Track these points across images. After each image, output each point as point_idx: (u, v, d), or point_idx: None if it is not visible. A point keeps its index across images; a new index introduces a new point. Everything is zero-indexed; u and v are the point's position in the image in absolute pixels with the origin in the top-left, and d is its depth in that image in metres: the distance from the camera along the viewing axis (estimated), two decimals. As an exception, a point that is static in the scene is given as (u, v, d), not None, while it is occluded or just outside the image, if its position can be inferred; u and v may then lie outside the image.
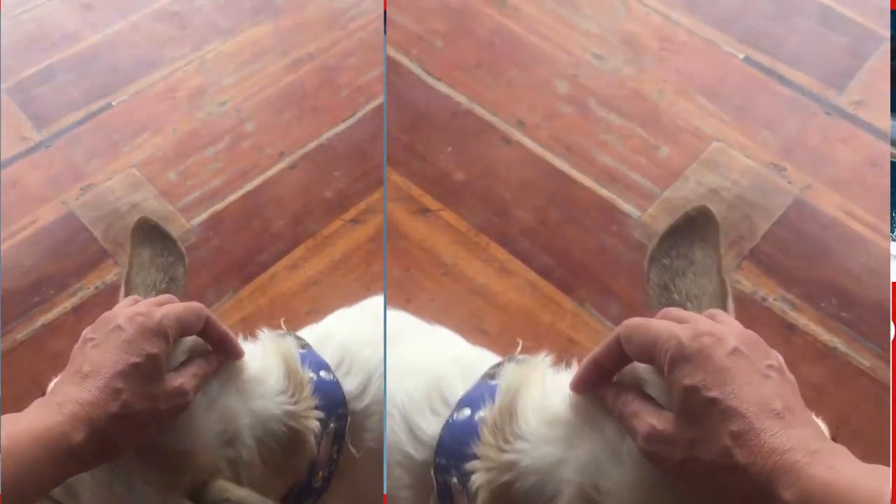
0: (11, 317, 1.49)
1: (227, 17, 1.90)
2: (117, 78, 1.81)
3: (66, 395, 0.61)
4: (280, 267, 1.53)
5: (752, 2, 1.76)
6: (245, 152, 1.68)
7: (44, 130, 1.73)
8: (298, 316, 1.46)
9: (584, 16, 1.74)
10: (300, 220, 1.58)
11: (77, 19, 1.91)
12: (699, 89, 1.64)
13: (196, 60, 1.83)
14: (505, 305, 1.42)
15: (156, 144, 1.70)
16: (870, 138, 1.55)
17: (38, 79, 1.81)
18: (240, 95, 1.76)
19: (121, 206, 1.61)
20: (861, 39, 1.69)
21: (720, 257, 0.71)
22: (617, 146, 1.57)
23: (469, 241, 1.48)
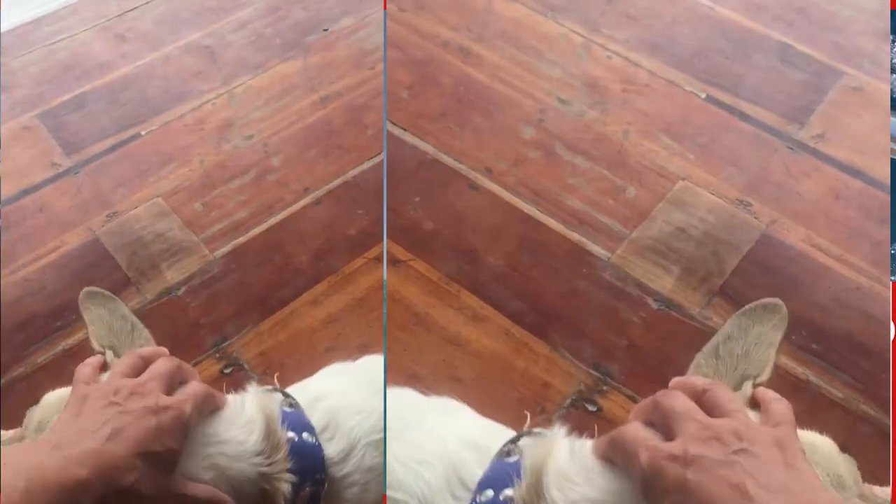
0: (33, 340, 1.50)
1: (258, 52, 1.93)
2: (147, 108, 1.84)
3: (80, 448, 0.62)
4: (301, 302, 1.53)
5: (711, 41, 1.79)
6: (270, 186, 1.69)
7: (73, 157, 1.76)
8: (318, 353, 1.46)
9: (547, 61, 1.76)
10: (322, 257, 1.58)
11: (110, 49, 1.96)
12: (663, 129, 1.66)
13: (225, 94, 1.86)
14: (479, 352, 1.42)
15: (182, 175, 1.72)
16: (832, 171, 1.57)
17: (69, 106, 1.85)
18: (267, 130, 1.78)
19: (145, 234, 1.63)
20: (820, 75, 1.71)
21: (776, 339, 0.75)
22: (584, 189, 1.59)
23: (440, 290, 1.48)
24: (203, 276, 1.57)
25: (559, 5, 1.85)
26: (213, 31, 1.99)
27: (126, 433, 0.64)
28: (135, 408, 0.67)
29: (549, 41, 1.79)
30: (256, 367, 1.45)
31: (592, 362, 1.39)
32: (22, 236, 1.64)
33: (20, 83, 1.90)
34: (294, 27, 1.97)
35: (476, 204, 1.58)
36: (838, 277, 1.45)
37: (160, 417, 0.67)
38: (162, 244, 1.61)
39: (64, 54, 1.96)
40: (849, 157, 1.59)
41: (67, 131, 1.80)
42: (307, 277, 1.56)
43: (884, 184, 1.55)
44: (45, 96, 1.87)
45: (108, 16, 2.04)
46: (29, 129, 1.81)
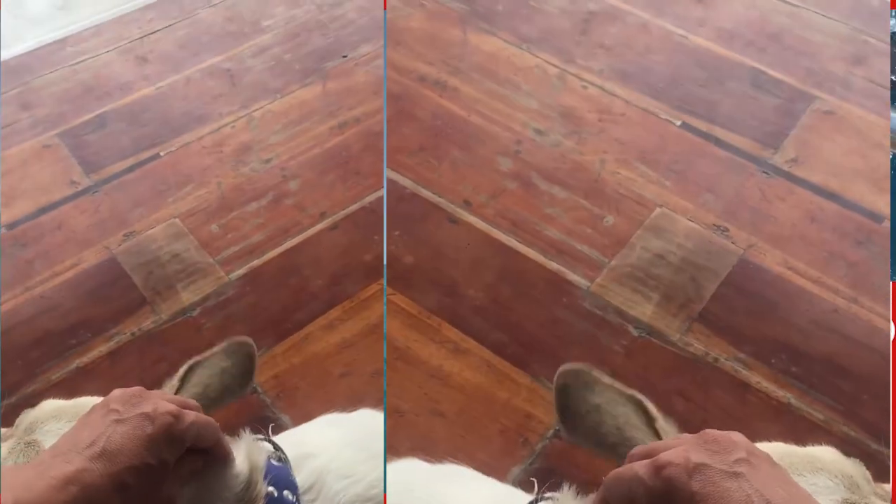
0: (48, 357, 1.50)
1: (277, 77, 1.95)
2: (167, 130, 1.85)
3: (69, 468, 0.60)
4: (315, 326, 1.53)
5: (685, 69, 1.81)
6: (287, 210, 1.70)
7: (92, 176, 1.77)
8: (332, 378, 1.46)
9: (523, 93, 1.78)
10: (338, 281, 1.59)
11: (131, 71, 1.99)
12: (639, 157, 1.67)
13: (244, 117, 1.87)
14: (461, 386, 1.42)
15: (200, 197, 1.73)
16: (807, 194, 1.59)
17: (90, 126, 1.87)
18: (285, 154, 1.79)
19: (162, 254, 1.63)
20: (792, 100, 1.74)
21: (611, 385, 0.73)
22: (562, 218, 1.59)
23: (421, 324, 1.48)
24: (218, 298, 1.57)
25: (533, 37, 1.87)
26: (233, 55, 2.01)
27: (118, 446, 0.62)
28: (132, 414, 0.65)
29: (525, 73, 1.81)
30: (270, 391, 1.45)
31: (574, 392, 1.39)
32: (39, 253, 1.64)
33: (42, 102, 1.93)
34: (313, 53, 2.00)
35: (455, 237, 1.58)
36: (816, 300, 1.46)
37: (156, 424, 0.64)
38: (178, 265, 1.62)
39: (86, 75, 1.99)
40: (823, 181, 1.61)
41: (87, 150, 1.82)
42: (322, 302, 1.56)
43: (859, 206, 1.57)
44: (67, 115, 1.89)
45: (130, 38, 2.07)
46: (49, 147, 1.83)
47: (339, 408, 1.39)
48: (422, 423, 1.38)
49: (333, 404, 1.42)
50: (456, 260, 1.55)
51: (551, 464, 1.33)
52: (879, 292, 1.46)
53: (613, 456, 0.72)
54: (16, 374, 1.47)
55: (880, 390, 1.35)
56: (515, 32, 1.88)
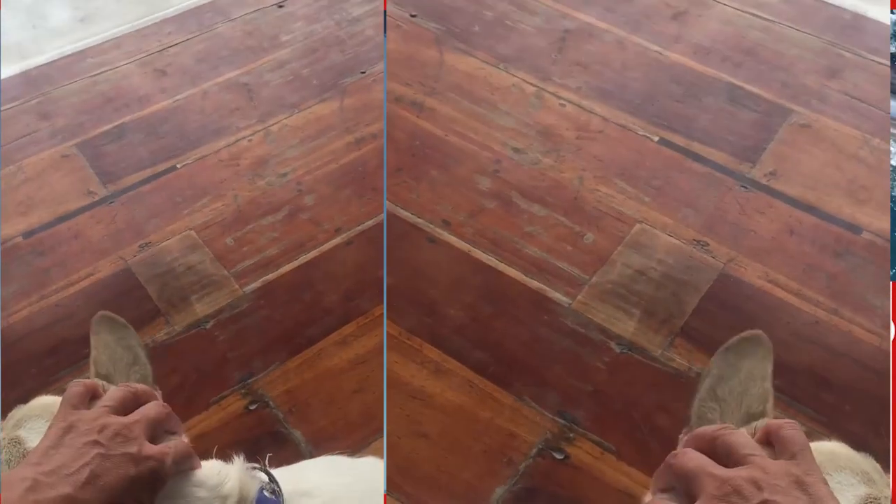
0: (62, 365, 1.50)
1: (295, 92, 1.95)
2: (184, 142, 1.86)
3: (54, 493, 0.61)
4: (329, 342, 1.52)
5: (662, 86, 1.81)
6: (302, 224, 1.70)
7: (109, 186, 1.78)
8: (345, 394, 1.45)
9: (501, 112, 1.78)
10: (352, 297, 1.58)
11: (150, 84, 2.00)
12: (618, 174, 1.67)
13: (261, 131, 1.87)
14: (443, 406, 1.41)
15: (216, 209, 1.73)
16: (785, 207, 1.59)
17: (108, 137, 1.88)
18: (301, 168, 1.79)
19: (177, 266, 1.63)
20: (769, 114, 1.74)
21: (767, 370, 0.74)
22: (542, 236, 1.59)
23: (402, 345, 1.47)
24: (232, 311, 1.57)
25: (510, 56, 1.88)
26: (251, 69, 2.02)
27: (103, 480, 0.64)
28: (117, 452, 0.66)
29: (502, 92, 1.81)
30: (282, 406, 1.44)
31: (558, 410, 1.39)
32: (55, 262, 1.65)
33: (61, 112, 1.94)
34: (331, 69, 2.01)
35: (435, 257, 1.58)
36: (797, 312, 1.46)
37: (140, 468, 0.66)
38: (192, 276, 1.62)
39: (105, 86, 2.00)
40: (801, 194, 1.61)
41: (105, 161, 1.83)
42: (336, 317, 1.55)
43: (837, 218, 1.57)
44: (85, 126, 1.91)
45: (149, 51, 2.09)
46: (67, 157, 1.85)
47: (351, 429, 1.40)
48: (404, 445, 1.37)
49: (346, 420, 1.42)
50: (436, 280, 1.55)
51: (535, 483, 1.32)
52: (860, 303, 1.46)
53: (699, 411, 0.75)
54: (31, 381, 1.48)
55: (863, 401, 1.35)
56: (492, 52, 1.89)
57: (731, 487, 0.58)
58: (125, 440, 0.68)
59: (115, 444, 0.67)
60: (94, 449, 0.66)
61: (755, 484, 0.58)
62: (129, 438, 0.68)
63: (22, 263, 1.65)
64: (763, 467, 0.60)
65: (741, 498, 0.57)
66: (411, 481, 1.33)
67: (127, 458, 0.66)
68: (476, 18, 1.97)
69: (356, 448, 1.39)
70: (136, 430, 0.70)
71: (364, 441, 1.40)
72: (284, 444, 1.40)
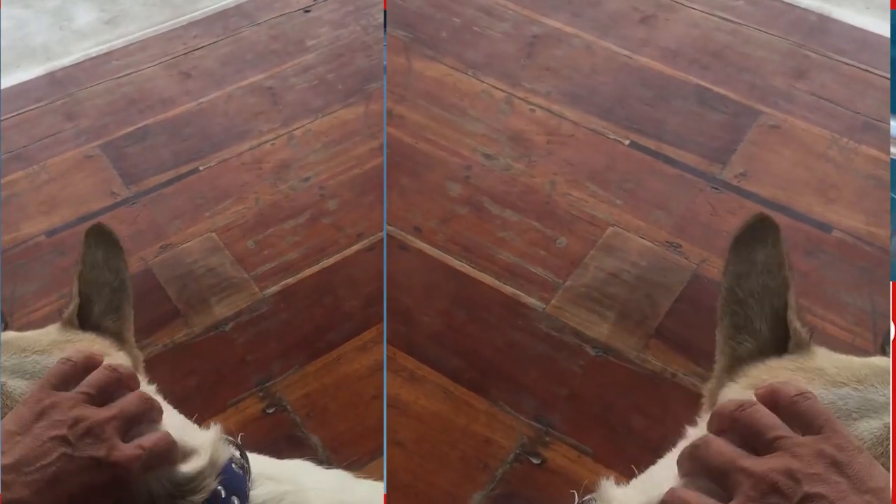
0: None
1: (319, 96, 1.94)
2: (207, 145, 1.85)
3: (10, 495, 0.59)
4: (348, 347, 1.51)
5: (631, 89, 1.82)
6: (324, 229, 1.68)
7: (132, 187, 1.78)
8: (364, 400, 1.44)
9: (470, 118, 1.78)
10: (372, 303, 1.56)
11: (174, 86, 1.99)
12: (589, 177, 1.67)
13: (285, 135, 1.86)
14: (418, 414, 1.39)
15: (237, 212, 1.72)
16: (757, 207, 1.59)
17: (131, 138, 1.88)
18: (324, 173, 1.78)
19: (197, 268, 1.62)
20: (738, 115, 1.75)
21: (782, 255, 0.73)
22: (515, 242, 1.58)
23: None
24: (251, 314, 1.55)
25: (479, 62, 1.87)
26: (276, 73, 2.01)
27: (62, 485, 0.61)
28: (83, 454, 0.63)
29: (472, 98, 1.81)
30: (300, 410, 1.42)
31: (534, 414, 1.38)
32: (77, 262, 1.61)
33: (86, 113, 1.94)
34: (356, 74, 2.00)
35: (407, 264, 1.56)
36: (770, 311, 1.45)
37: (102, 474, 0.63)
38: (212, 279, 1.61)
39: (130, 88, 2.00)
40: (772, 193, 1.62)
41: (128, 162, 1.82)
42: (356, 323, 1.54)
43: (807, 217, 1.58)
44: (109, 127, 1.90)
45: (174, 53, 2.08)
46: (91, 158, 1.84)
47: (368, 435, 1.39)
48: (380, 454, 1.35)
49: (363, 426, 1.40)
50: (408, 287, 1.53)
51: (512, 488, 1.30)
52: (832, 300, 1.47)
53: (728, 311, 0.73)
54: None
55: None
56: (460, 58, 1.88)
57: (767, 485, 0.55)
58: (95, 441, 0.64)
59: (84, 444, 0.63)
60: (61, 447, 0.62)
61: (791, 476, 0.55)
62: (100, 439, 0.64)
63: (44, 262, 1.65)
64: (794, 453, 0.56)
65: (781, 496, 0.54)
66: (389, 489, 1.32)
67: (92, 463, 0.63)
68: (443, 25, 1.96)
69: (373, 455, 1.37)
70: (108, 429, 0.66)
71: (381, 448, 1.38)
72: (301, 448, 1.38)
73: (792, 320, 0.72)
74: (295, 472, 0.88)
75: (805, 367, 0.67)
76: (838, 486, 0.54)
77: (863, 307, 1.45)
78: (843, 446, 0.56)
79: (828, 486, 0.54)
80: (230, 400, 1.44)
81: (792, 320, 0.72)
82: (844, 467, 0.55)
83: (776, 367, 0.69)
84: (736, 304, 0.73)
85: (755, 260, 0.74)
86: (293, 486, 0.82)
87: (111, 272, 0.85)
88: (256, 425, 1.42)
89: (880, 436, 0.59)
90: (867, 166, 1.65)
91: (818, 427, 0.58)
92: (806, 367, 0.67)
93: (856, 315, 1.44)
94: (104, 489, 0.64)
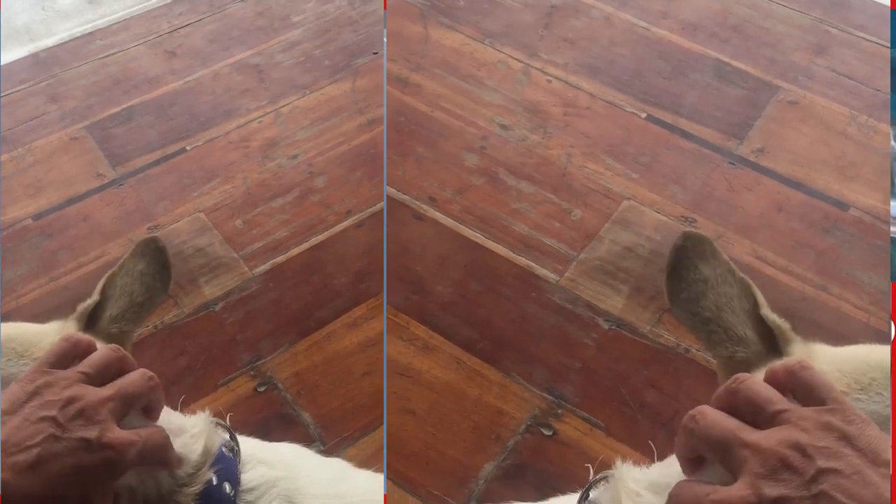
0: None
1: (306, 73, 1.93)
2: (193, 124, 1.84)
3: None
4: (339, 325, 1.51)
5: (649, 62, 1.80)
6: (313, 207, 1.68)
7: (118, 168, 1.76)
8: (354, 377, 1.45)
9: (487, 88, 1.76)
10: (363, 279, 1.57)
11: (159, 65, 1.97)
12: (605, 150, 1.66)
13: (272, 113, 1.85)
14: (430, 383, 1.39)
15: (225, 191, 1.71)
16: (774, 184, 1.58)
17: (117, 119, 1.86)
18: (312, 150, 1.77)
19: (185, 248, 1.62)
20: (756, 90, 1.73)
21: (727, 262, 0.73)
22: (530, 213, 1.58)
23: (390, 322, 1.46)
24: (241, 293, 1.56)
25: (497, 32, 1.86)
26: (262, 50, 1.99)
27: (47, 467, 0.57)
28: (73, 436, 0.59)
29: (489, 68, 1.80)
30: (291, 388, 1.43)
31: (546, 386, 1.38)
32: (64, 245, 1.63)
33: (71, 94, 1.91)
34: (343, 49, 1.97)
35: (421, 233, 1.56)
36: (784, 289, 1.45)
37: (93, 457, 0.59)
38: (201, 259, 1.61)
39: (114, 68, 1.97)
40: (789, 170, 1.61)
41: (114, 143, 1.81)
42: (346, 300, 1.54)
43: (825, 195, 1.57)
44: (94, 108, 1.88)
45: (159, 32, 2.05)
46: (77, 139, 1.82)
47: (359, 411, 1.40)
48: (392, 422, 1.36)
49: (354, 403, 1.41)
50: (422, 257, 1.53)
51: (523, 460, 1.31)
52: (848, 279, 1.46)
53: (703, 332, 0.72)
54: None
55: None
56: (477, 27, 1.87)
57: (776, 461, 0.52)
58: (87, 422, 0.61)
59: (75, 425, 0.60)
60: (49, 428, 0.59)
61: (800, 450, 0.51)
62: (93, 421, 0.61)
63: (31, 246, 1.64)
64: (800, 426, 0.53)
65: (792, 472, 0.51)
66: (399, 458, 1.32)
67: (82, 444, 0.59)
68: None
69: (364, 431, 1.38)
70: (103, 411, 0.62)
71: (372, 424, 1.39)
72: (293, 426, 1.39)
73: (768, 315, 0.71)
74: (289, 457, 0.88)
75: None
76: (851, 460, 0.51)
77: (879, 286, 1.45)
78: (851, 418, 0.53)
79: (841, 460, 0.51)
80: (221, 380, 1.45)
81: (768, 315, 0.71)
82: (855, 440, 0.52)
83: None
84: (707, 323, 0.72)
85: (704, 277, 0.73)
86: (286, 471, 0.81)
87: (142, 286, 0.83)
88: (248, 404, 1.43)
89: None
90: (886, 144, 1.64)
91: (821, 399, 0.55)
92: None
93: (872, 294, 1.44)
94: (95, 473, 0.60)
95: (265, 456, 0.82)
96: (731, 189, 1.59)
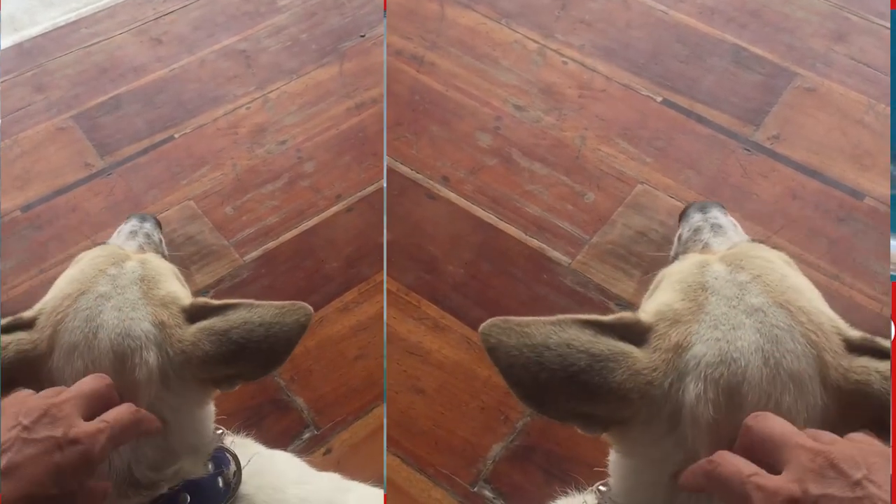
0: None
1: (293, 58, 1.92)
2: (181, 112, 1.83)
3: None
4: (330, 309, 1.51)
5: (666, 45, 1.79)
6: (302, 192, 1.68)
7: (107, 158, 1.76)
8: (347, 360, 1.45)
9: (503, 68, 1.75)
10: (353, 264, 1.57)
11: (146, 53, 1.96)
12: (620, 133, 1.66)
13: (260, 99, 1.84)
14: (440, 363, 1.40)
15: (214, 179, 1.71)
16: (789, 171, 1.58)
17: (104, 108, 1.85)
18: (301, 135, 1.77)
19: (176, 237, 1.61)
20: (773, 76, 1.72)
21: (534, 321, 0.72)
22: (543, 195, 1.57)
23: (401, 301, 1.46)
24: (232, 280, 1.56)
25: (513, 12, 1.84)
26: (248, 35, 1.98)
27: (21, 471, 0.59)
28: (40, 436, 0.61)
29: (504, 48, 1.79)
30: (284, 373, 1.43)
31: (555, 369, 1.38)
32: (54, 235, 1.63)
33: (57, 84, 1.90)
34: (330, 33, 1.97)
35: (434, 213, 1.56)
36: (798, 276, 1.45)
37: (65, 453, 0.60)
38: (192, 247, 1.60)
39: (100, 57, 1.96)
40: (805, 158, 1.60)
41: (102, 133, 1.80)
42: (337, 284, 1.55)
43: (840, 183, 1.56)
44: (81, 98, 1.87)
45: (144, 19, 2.04)
46: (64, 129, 1.81)
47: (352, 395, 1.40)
48: (401, 400, 1.36)
49: (347, 387, 1.41)
50: (435, 236, 1.53)
51: (532, 441, 1.31)
52: (861, 269, 1.46)
53: (572, 386, 0.67)
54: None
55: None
56: (494, 7, 1.86)
57: (825, 460, 0.52)
58: (52, 421, 0.62)
59: (40, 426, 0.61)
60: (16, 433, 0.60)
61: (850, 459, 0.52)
62: (56, 419, 0.62)
63: (20, 237, 1.63)
64: (853, 444, 0.55)
65: (839, 473, 0.52)
66: (408, 436, 1.33)
67: (50, 443, 0.60)
68: (479, -28, 1.93)
69: (357, 415, 1.39)
70: (65, 408, 0.64)
71: (365, 407, 1.39)
72: (287, 411, 1.39)
73: (604, 317, 0.70)
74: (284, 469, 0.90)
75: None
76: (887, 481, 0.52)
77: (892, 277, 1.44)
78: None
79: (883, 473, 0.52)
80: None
81: (604, 317, 0.70)
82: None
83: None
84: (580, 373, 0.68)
85: (530, 344, 0.69)
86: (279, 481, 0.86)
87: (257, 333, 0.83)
88: (241, 390, 1.39)
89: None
90: (903, 134, 1.63)
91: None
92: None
93: (885, 284, 1.43)
94: (71, 469, 0.61)
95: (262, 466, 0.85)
96: (746, 175, 1.58)
